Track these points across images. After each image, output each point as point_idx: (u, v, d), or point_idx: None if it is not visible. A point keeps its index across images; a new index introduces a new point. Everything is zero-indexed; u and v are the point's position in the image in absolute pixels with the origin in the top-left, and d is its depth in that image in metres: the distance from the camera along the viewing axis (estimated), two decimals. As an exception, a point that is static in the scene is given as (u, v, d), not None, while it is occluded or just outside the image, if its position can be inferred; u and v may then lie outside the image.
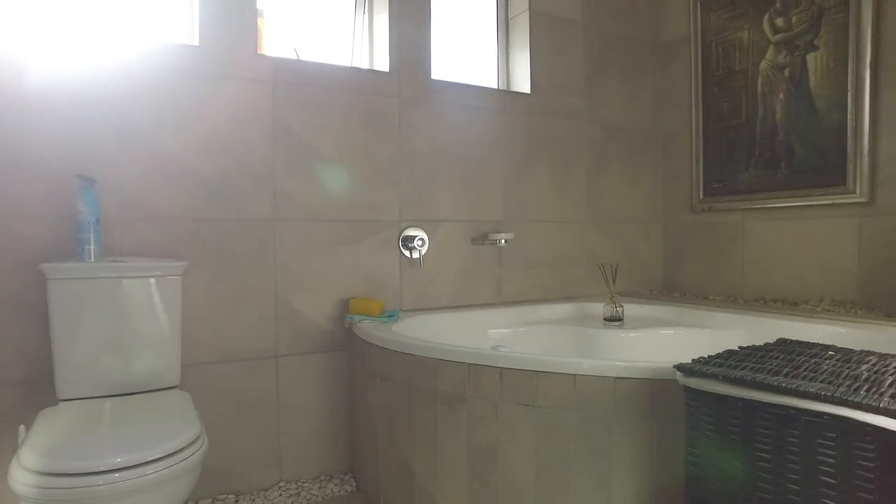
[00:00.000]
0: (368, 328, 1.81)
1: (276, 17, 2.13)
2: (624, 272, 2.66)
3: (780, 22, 2.30)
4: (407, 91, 2.19)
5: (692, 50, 2.66)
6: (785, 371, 0.98)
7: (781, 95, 2.30)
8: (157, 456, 1.15)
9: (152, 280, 1.60)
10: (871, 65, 2.02)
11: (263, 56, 1.93)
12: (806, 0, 2.20)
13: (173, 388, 1.62)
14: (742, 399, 0.97)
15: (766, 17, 2.35)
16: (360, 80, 2.09)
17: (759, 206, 2.41)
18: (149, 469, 1.13)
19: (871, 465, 0.82)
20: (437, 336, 1.91)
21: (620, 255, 2.75)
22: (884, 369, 0.98)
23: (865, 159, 2.04)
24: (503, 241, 2.33)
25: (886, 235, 2.01)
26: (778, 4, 2.30)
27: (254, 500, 1.85)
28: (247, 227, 1.90)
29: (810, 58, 2.20)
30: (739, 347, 1.19)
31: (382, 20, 2.20)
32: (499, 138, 2.41)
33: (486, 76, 2.55)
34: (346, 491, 1.94)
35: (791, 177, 2.28)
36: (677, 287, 2.80)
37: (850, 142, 2.08)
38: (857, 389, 0.87)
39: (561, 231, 2.59)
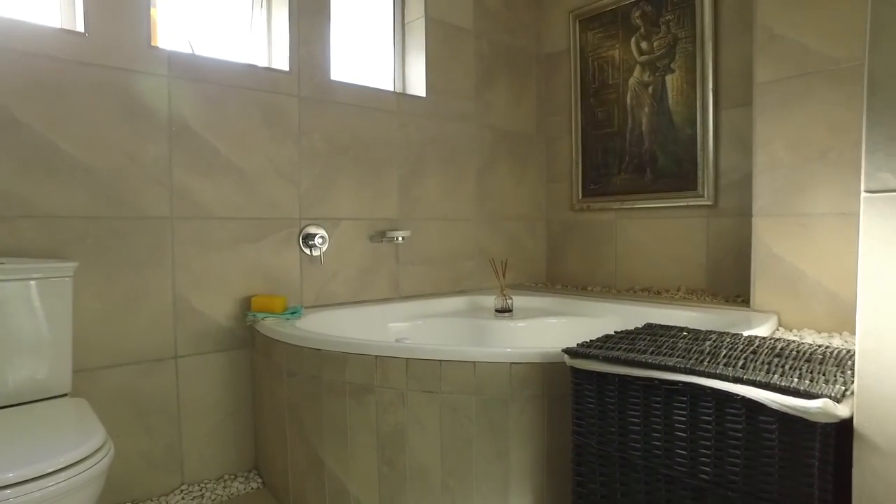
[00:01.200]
0: (272, 325, 1.82)
1: (171, 7, 2.05)
2: (511, 266, 2.86)
3: (644, 45, 2.61)
4: (306, 90, 2.21)
5: (571, 63, 2.92)
6: (650, 350, 1.18)
7: (647, 109, 2.62)
8: (59, 466, 1.09)
9: (33, 283, 1.50)
10: (713, 89, 2.37)
11: (157, 48, 1.85)
12: (664, 28, 2.53)
13: (63, 395, 1.54)
14: (618, 375, 1.16)
15: (633, 39, 2.65)
16: (259, 78, 2.08)
17: (629, 207, 2.71)
18: (49, 482, 1.08)
19: (711, 419, 1.03)
20: (340, 331, 1.96)
21: (508, 250, 2.96)
22: (720, 344, 1.22)
23: (711, 168, 2.39)
24: (400, 239, 2.43)
25: (726, 233, 2.38)
26: (642, 30, 2.61)
27: (152, 507, 1.80)
28: (143, 225, 1.83)
29: (668, 78, 2.52)
30: (615, 332, 1.40)
31: (281, 16, 2.20)
32: (395, 139, 2.50)
33: (383, 79, 2.63)
34: (251, 488, 1.94)
35: (655, 181, 2.61)
36: (560, 279, 3.06)
37: (699, 153, 2.42)
38: (701, 361, 1.08)
39: (453, 228, 2.74)
